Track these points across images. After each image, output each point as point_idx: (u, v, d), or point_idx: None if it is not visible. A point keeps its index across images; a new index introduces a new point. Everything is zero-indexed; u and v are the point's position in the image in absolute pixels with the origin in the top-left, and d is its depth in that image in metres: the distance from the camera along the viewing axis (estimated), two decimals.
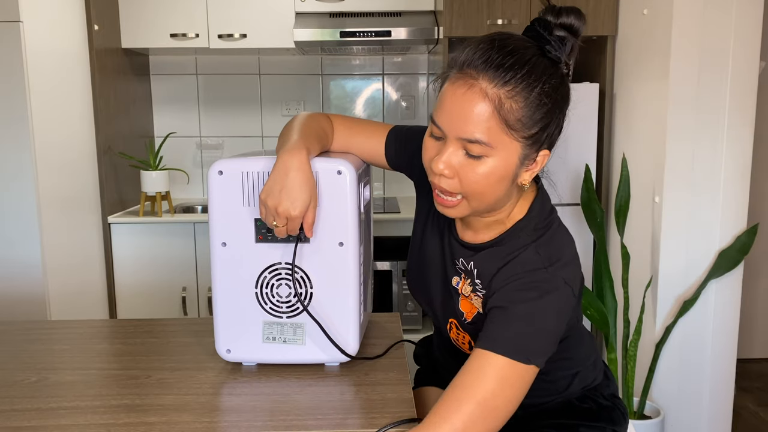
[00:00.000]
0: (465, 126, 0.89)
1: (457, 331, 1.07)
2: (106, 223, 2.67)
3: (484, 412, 0.88)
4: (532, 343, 0.91)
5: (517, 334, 0.91)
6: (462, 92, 0.89)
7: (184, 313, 2.75)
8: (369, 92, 3.24)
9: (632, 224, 2.36)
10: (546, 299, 0.93)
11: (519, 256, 0.97)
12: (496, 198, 0.95)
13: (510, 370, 0.89)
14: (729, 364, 2.26)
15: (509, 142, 0.90)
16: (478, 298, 1.01)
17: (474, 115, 0.88)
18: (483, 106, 0.88)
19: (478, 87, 0.88)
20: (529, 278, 0.94)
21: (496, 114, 0.88)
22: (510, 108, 0.88)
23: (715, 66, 2.10)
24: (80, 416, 0.95)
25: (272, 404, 0.98)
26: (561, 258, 0.97)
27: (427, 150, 0.96)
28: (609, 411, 1.14)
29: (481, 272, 1.01)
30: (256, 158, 1.05)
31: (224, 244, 1.07)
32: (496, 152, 0.90)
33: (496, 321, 0.93)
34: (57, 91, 2.36)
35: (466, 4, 2.50)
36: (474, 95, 0.88)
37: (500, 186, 0.93)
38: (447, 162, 0.92)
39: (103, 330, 1.36)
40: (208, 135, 3.24)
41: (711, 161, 2.15)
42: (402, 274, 2.69)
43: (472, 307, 1.03)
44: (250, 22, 2.80)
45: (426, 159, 0.96)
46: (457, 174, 0.92)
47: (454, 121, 0.90)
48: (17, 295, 2.25)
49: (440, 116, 0.92)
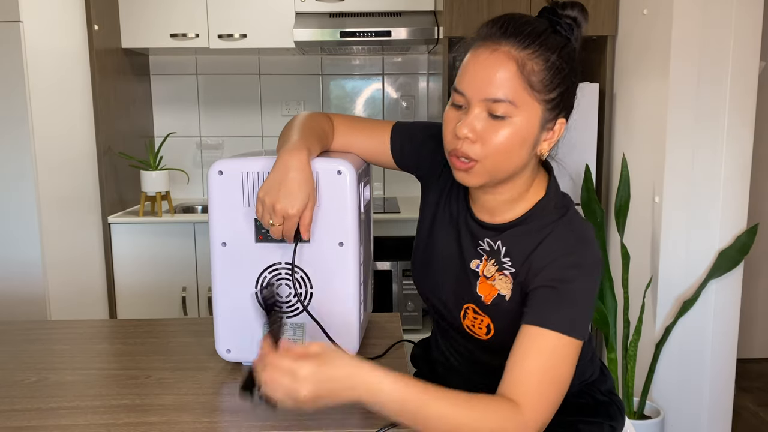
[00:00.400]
0: (489, 86, 0.92)
1: (474, 316, 1.06)
2: (106, 223, 2.68)
3: (552, 387, 0.92)
4: (582, 320, 0.95)
5: (570, 312, 0.94)
6: (486, 56, 0.93)
7: (184, 313, 2.75)
8: (369, 92, 3.24)
9: (632, 224, 2.36)
10: (587, 276, 0.96)
11: (553, 233, 1.00)
12: (515, 166, 0.97)
13: (569, 346, 0.93)
14: (729, 364, 2.26)
15: (531, 102, 0.93)
16: (505, 277, 1.02)
17: (498, 75, 0.92)
18: (507, 67, 0.92)
19: (501, 50, 0.93)
20: (571, 256, 0.97)
21: (519, 74, 0.92)
22: (531, 69, 0.92)
23: (715, 66, 2.10)
24: (80, 416, 0.95)
25: None
26: (588, 236, 1.00)
27: (449, 121, 0.98)
28: (606, 406, 1.15)
29: (511, 250, 1.02)
30: (256, 158, 1.05)
31: (224, 244, 1.07)
32: (519, 112, 0.93)
33: (550, 300, 0.95)
34: (57, 91, 2.36)
35: (466, 4, 2.50)
36: (498, 57, 0.93)
37: (521, 151, 0.96)
38: (471, 125, 0.94)
39: (103, 330, 1.36)
40: (208, 135, 3.24)
41: (711, 161, 2.15)
42: (402, 274, 2.69)
43: (491, 289, 1.04)
44: (250, 22, 2.80)
45: (448, 130, 0.98)
46: (480, 138, 0.94)
47: (479, 84, 0.93)
48: (17, 295, 2.25)
49: (464, 82, 0.95)
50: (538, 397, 0.90)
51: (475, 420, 0.86)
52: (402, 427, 0.92)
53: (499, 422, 0.87)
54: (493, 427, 0.87)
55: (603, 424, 1.14)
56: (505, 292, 1.02)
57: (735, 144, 2.13)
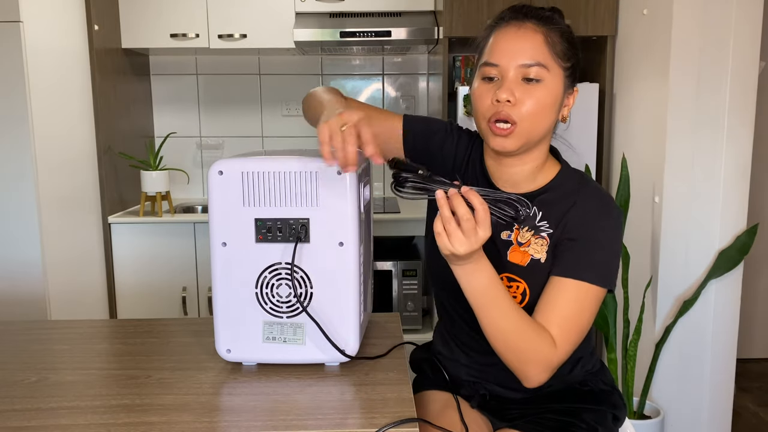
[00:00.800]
0: (522, 54, 1.06)
1: (508, 284, 1.13)
2: (106, 223, 2.68)
3: (579, 330, 1.07)
4: (611, 271, 1.09)
5: (600, 265, 1.08)
6: (515, 31, 1.08)
7: (184, 313, 2.75)
8: (369, 92, 3.24)
9: (632, 224, 2.36)
10: (613, 233, 1.10)
11: (582, 196, 1.11)
12: (546, 128, 1.10)
13: (599, 295, 1.08)
14: (729, 364, 2.26)
15: (556, 68, 1.08)
16: (542, 239, 1.12)
17: (530, 43, 1.07)
18: (535, 38, 1.07)
19: (526, 26, 1.08)
20: (600, 216, 1.10)
21: (546, 43, 1.07)
22: (554, 40, 1.08)
23: (715, 66, 2.10)
24: (80, 416, 0.95)
25: (272, 404, 0.98)
26: (612, 202, 1.13)
27: (483, 93, 1.09)
28: (609, 395, 1.20)
29: (548, 213, 1.12)
30: (256, 158, 1.05)
31: (224, 244, 1.07)
32: (549, 75, 1.07)
33: (581, 255, 1.08)
34: (57, 91, 2.36)
35: (466, 4, 2.50)
36: (526, 31, 1.08)
37: (552, 113, 1.09)
38: (509, 90, 1.06)
39: (103, 330, 1.36)
40: (208, 135, 3.24)
41: (711, 161, 2.15)
42: (402, 274, 2.69)
43: (524, 255, 1.12)
44: (250, 22, 2.80)
45: (483, 104, 1.09)
46: (519, 101, 1.06)
47: (514, 53, 1.06)
48: (17, 295, 2.25)
49: (496, 55, 1.08)
50: (567, 338, 1.05)
51: (527, 334, 1.03)
52: (402, 427, 0.92)
53: (541, 347, 1.03)
54: (535, 348, 1.03)
55: (606, 413, 1.17)
56: (539, 255, 1.12)
57: (735, 144, 2.13)
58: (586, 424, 1.13)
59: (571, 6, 2.47)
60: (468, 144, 1.22)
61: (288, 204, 1.05)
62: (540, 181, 1.15)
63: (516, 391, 1.17)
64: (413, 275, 2.70)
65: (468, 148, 1.21)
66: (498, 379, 1.17)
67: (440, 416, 1.15)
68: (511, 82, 1.06)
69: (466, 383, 1.22)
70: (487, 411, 1.21)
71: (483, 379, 1.20)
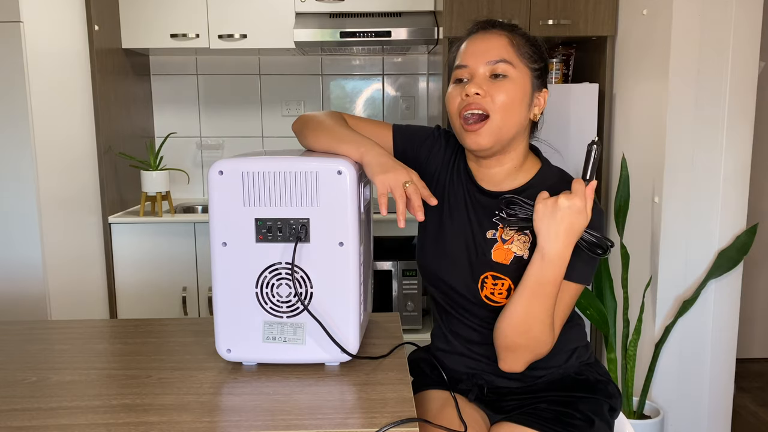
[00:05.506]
0: (489, 53, 1.15)
1: (493, 283, 1.17)
2: (107, 223, 2.68)
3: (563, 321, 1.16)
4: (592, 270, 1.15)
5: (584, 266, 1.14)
6: (482, 36, 1.18)
7: (184, 313, 2.75)
8: (369, 92, 3.24)
9: (632, 224, 2.37)
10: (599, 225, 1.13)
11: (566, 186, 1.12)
12: (517, 124, 1.15)
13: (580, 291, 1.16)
14: (728, 363, 2.26)
15: (522, 66, 1.16)
16: (524, 236, 1.17)
17: (495, 44, 1.16)
18: (501, 39, 1.16)
19: (493, 31, 1.18)
20: None
21: (510, 44, 1.16)
22: (518, 42, 1.16)
23: (715, 66, 2.10)
24: (80, 416, 0.95)
25: (272, 404, 0.98)
26: None
27: (454, 96, 1.17)
28: (604, 384, 1.23)
29: None
30: (257, 158, 1.05)
31: (224, 244, 1.07)
32: (516, 72, 1.14)
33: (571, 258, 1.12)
34: (57, 91, 2.36)
35: (466, 4, 2.50)
36: (492, 34, 1.17)
37: (521, 108, 1.15)
38: (478, 85, 1.13)
39: (103, 330, 1.36)
40: (208, 135, 3.24)
41: (711, 161, 2.15)
42: (402, 274, 2.69)
43: (507, 252, 1.17)
44: (250, 23, 2.80)
45: (453, 105, 1.17)
46: (488, 94, 1.13)
47: (481, 53, 1.15)
48: (17, 295, 2.25)
49: (465, 58, 1.17)
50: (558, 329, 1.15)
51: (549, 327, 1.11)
52: (402, 427, 0.92)
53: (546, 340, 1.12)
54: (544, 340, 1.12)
55: (602, 402, 1.20)
56: (521, 252, 1.16)
57: (735, 144, 2.14)
58: (581, 414, 1.15)
59: (571, 6, 2.47)
60: (454, 147, 1.28)
61: (288, 204, 1.05)
62: (521, 179, 1.20)
63: (514, 380, 1.21)
64: (413, 275, 2.70)
65: (454, 152, 1.27)
66: (497, 369, 1.19)
67: (439, 415, 1.16)
68: (480, 77, 1.15)
69: (465, 376, 1.24)
70: (484, 404, 1.23)
71: (482, 369, 1.23)
